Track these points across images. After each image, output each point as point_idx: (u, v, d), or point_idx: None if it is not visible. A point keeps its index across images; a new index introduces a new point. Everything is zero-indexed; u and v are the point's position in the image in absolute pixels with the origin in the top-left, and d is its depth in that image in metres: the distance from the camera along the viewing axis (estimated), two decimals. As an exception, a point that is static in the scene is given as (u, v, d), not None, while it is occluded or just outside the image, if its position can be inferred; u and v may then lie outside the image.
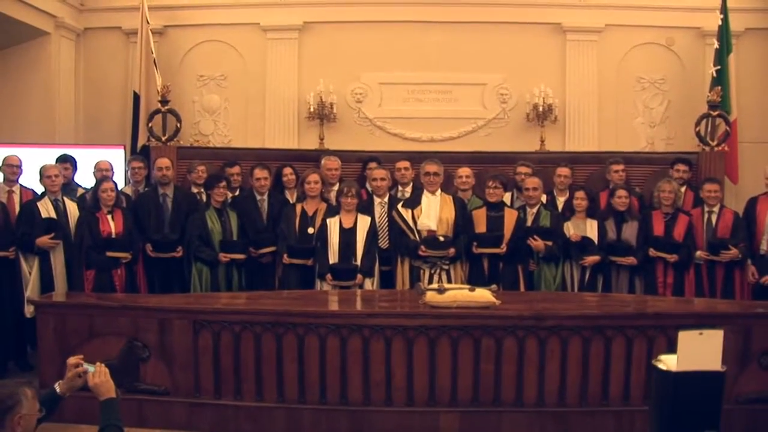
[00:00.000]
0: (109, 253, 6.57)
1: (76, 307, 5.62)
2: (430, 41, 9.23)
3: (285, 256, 6.71)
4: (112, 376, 3.22)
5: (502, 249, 6.58)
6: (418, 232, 6.53)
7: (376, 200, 7.00)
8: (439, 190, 6.70)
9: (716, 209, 6.96)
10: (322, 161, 7.60)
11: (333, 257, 6.46)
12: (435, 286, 5.39)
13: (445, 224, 6.53)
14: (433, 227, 6.48)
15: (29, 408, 2.84)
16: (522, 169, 7.54)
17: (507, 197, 7.33)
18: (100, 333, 5.32)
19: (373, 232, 6.58)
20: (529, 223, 6.86)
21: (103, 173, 7.46)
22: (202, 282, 6.77)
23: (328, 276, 6.38)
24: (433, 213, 6.51)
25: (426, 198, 6.61)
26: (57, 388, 3.27)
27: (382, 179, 7.03)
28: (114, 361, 5.18)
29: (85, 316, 5.38)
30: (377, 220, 6.82)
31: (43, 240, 6.56)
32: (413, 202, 6.67)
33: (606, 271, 6.78)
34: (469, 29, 9.21)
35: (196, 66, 9.49)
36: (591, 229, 6.82)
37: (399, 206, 6.68)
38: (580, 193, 6.95)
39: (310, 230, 6.70)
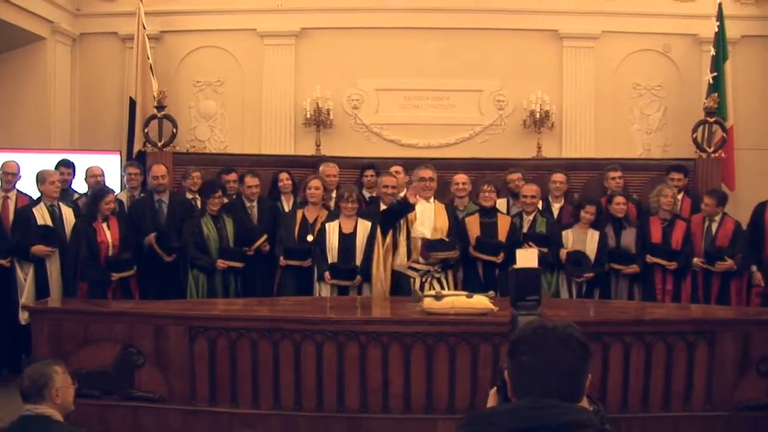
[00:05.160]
0: (115, 275, 6.50)
1: (71, 313, 5.55)
2: (426, 48, 9.23)
3: (281, 258, 6.68)
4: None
5: (499, 258, 6.57)
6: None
7: (383, 207, 6.85)
8: (433, 197, 6.56)
9: (717, 218, 6.90)
10: (321, 168, 7.59)
11: (332, 261, 6.41)
12: (432, 292, 5.35)
13: (440, 233, 6.38)
14: (428, 235, 6.34)
15: (63, 381, 3.25)
16: (514, 176, 7.51)
17: (502, 204, 7.31)
18: (94, 339, 5.27)
19: (373, 237, 6.51)
20: (525, 229, 6.86)
21: (96, 179, 7.46)
22: (199, 289, 6.74)
23: (327, 274, 6.33)
24: (428, 220, 6.38)
25: (420, 205, 6.43)
26: None
27: (393, 187, 6.96)
28: (109, 367, 5.17)
29: (80, 322, 5.33)
30: None
31: (39, 248, 6.52)
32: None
33: (604, 281, 6.77)
34: (466, 36, 9.21)
35: (193, 71, 9.47)
36: (591, 240, 6.75)
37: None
38: (591, 208, 6.79)
39: (309, 238, 6.65)
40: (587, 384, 1.92)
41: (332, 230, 6.47)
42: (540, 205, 7.18)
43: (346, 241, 6.45)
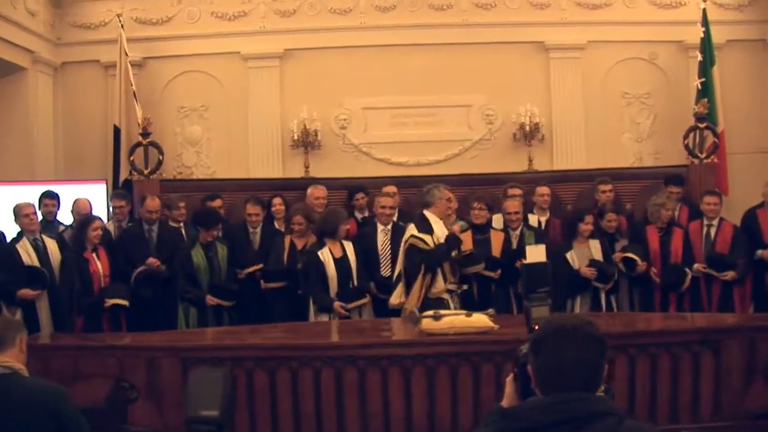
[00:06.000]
0: (108, 300, 6.34)
1: (60, 348, 5.42)
2: (412, 64, 9.15)
3: (262, 282, 6.58)
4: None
5: (497, 274, 6.47)
6: None
7: (380, 228, 6.86)
8: None
9: (715, 222, 6.88)
10: (309, 190, 7.50)
11: (333, 290, 6.23)
12: (430, 312, 5.23)
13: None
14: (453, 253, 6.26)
15: (26, 337, 3.36)
16: (515, 192, 7.41)
17: (498, 220, 7.21)
18: (85, 375, 5.11)
19: (360, 254, 6.45)
20: (514, 245, 6.78)
21: (82, 213, 7.31)
22: (189, 322, 6.57)
23: (337, 304, 6.15)
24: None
25: (435, 225, 6.26)
26: None
27: (391, 207, 6.88)
28: (101, 403, 5.01)
29: (69, 358, 5.19)
30: (380, 247, 6.73)
31: (25, 292, 6.30)
32: (426, 228, 6.20)
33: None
34: (452, 51, 9.15)
35: (177, 97, 9.36)
36: (596, 251, 6.63)
37: (416, 232, 6.24)
38: (590, 218, 6.71)
39: (300, 266, 6.52)
40: (605, 374, 2.09)
41: (327, 258, 6.26)
42: (535, 221, 7.16)
43: (341, 265, 6.30)
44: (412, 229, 6.06)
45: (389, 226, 6.84)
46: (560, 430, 1.96)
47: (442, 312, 5.25)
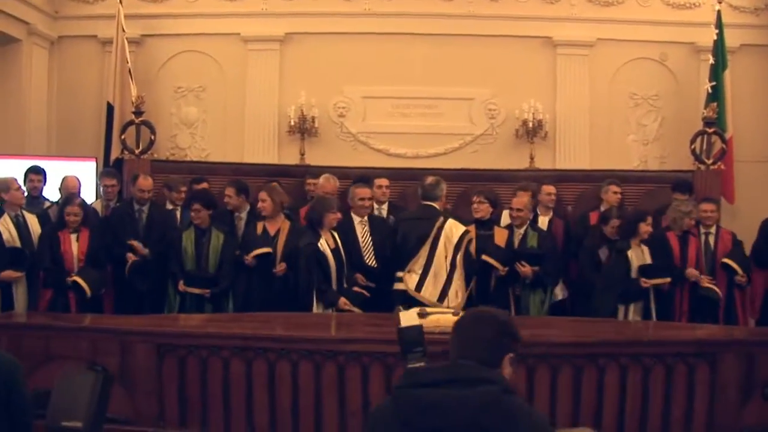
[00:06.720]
0: (73, 276, 6.18)
1: (32, 328, 5.26)
2: (416, 54, 8.98)
3: (245, 258, 6.37)
4: None
5: (504, 270, 6.36)
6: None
7: (356, 219, 6.68)
8: None
9: (713, 230, 6.72)
10: (321, 180, 7.31)
11: (333, 281, 6.05)
12: (417, 309, 5.04)
13: None
14: None
15: None
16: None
17: (507, 216, 7.00)
18: (57, 356, 4.95)
19: (345, 244, 6.28)
20: (516, 244, 6.59)
21: (70, 191, 7.15)
22: (175, 305, 6.43)
23: (342, 301, 5.98)
24: None
25: None
26: None
27: (369, 199, 6.73)
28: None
29: (41, 338, 5.02)
30: (360, 238, 6.56)
31: (8, 274, 6.16)
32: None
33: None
34: (457, 42, 8.98)
35: (174, 77, 9.22)
36: (647, 256, 6.42)
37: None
38: (650, 219, 6.50)
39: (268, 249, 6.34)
40: (506, 358, 2.45)
41: (326, 249, 6.02)
42: (545, 223, 7.06)
43: (336, 255, 6.09)
44: (459, 225, 5.94)
45: (365, 218, 6.71)
46: (452, 387, 2.32)
47: (429, 309, 5.08)
